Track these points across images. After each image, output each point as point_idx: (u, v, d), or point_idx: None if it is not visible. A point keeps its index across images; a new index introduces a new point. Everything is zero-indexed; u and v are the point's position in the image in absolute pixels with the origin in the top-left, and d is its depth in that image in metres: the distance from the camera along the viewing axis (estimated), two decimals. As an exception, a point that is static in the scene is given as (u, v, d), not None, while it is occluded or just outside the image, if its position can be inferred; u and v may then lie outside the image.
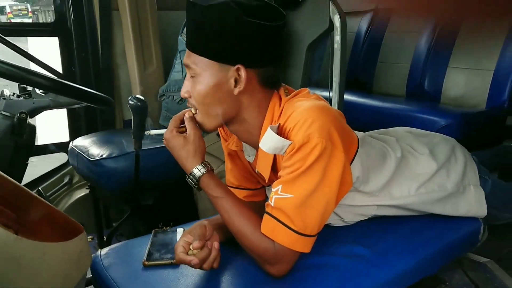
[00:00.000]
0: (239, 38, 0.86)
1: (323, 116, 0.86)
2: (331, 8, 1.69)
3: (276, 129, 0.90)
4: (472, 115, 1.87)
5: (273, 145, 0.89)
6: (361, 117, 2.04)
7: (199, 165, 0.93)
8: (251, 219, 0.92)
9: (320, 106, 0.89)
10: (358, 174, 1.00)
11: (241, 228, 0.91)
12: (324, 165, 0.85)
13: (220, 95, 0.90)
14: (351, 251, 1.01)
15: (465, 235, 1.17)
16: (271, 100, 0.95)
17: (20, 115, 1.30)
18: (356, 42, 2.63)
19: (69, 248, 0.80)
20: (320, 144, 0.84)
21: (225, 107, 0.92)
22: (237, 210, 0.92)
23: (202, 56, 0.88)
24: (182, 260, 0.88)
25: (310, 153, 0.84)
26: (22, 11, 22.85)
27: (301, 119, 0.86)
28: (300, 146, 0.85)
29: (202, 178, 0.93)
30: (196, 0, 0.87)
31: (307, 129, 0.85)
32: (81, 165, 1.71)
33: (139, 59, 2.11)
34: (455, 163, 1.18)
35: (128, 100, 1.25)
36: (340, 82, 1.70)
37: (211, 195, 0.95)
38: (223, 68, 0.88)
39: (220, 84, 0.89)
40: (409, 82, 2.31)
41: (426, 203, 1.12)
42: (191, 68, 0.90)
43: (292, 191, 0.86)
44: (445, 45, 2.17)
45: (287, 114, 0.90)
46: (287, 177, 0.87)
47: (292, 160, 0.87)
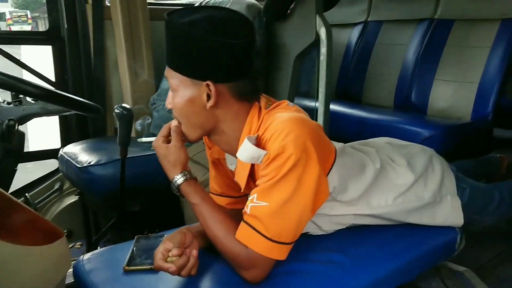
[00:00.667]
0: (206, 56, 0.89)
1: (299, 128, 0.89)
2: (318, 21, 1.73)
3: (254, 139, 0.93)
4: (455, 127, 1.90)
5: (249, 155, 0.92)
6: (348, 128, 2.08)
7: (179, 174, 0.98)
8: (225, 224, 0.95)
9: (297, 118, 0.92)
10: (335, 184, 1.02)
11: (216, 232, 0.95)
12: (298, 175, 0.88)
13: (195, 109, 0.94)
14: (327, 257, 1.03)
15: (442, 244, 1.19)
16: (250, 112, 0.98)
17: (9, 122, 1.32)
18: (346, 54, 2.68)
19: (48, 252, 0.82)
20: (294, 154, 0.87)
21: (202, 120, 0.96)
22: (213, 216, 0.96)
23: (176, 71, 0.93)
24: (160, 267, 0.90)
25: (285, 163, 0.87)
26: (21, 17, 22.92)
27: (278, 130, 0.89)
28: (275, 156, 0.88)
29: (181, 186, 0.98)
30: (172, 16, 0.91)
31: (282, 140, 0.88)
32: (70, 171, 1.73)
33: (130, 69, 2.15)
34: (432, 173, 1.21)
35: (114, 109, 1.28)
36: (326, 93, 1.74)
37: (191, 202, 0.99)
38: (195, 84, 0.92)
39: (194, 99, 0.93)
40: (397, 94, 2.35)
41: (403, 212, 1.14)
42: (170, 83, 0.96)
43: (267, 199, 0.89)
44: (432, 57, 2.21)
45: (265, 125, 0.94)
46: (263, 186, 0.90)
47: (268, 170, 0.90)
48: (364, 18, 2.63)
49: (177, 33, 0.90)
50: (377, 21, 2.55)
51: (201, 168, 1.64)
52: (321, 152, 0.93)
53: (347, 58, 2.66)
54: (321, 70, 1.74)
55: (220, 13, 0.92)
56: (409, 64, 2.32)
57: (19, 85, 1.28)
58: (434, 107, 2.16)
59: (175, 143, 0.98)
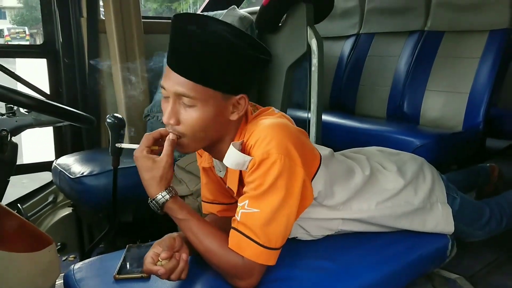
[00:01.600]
0: (248, 70, 0.91)
1: (281, 133, 0.90)
2: (309, 32, 1.76)
3: (239, 145, 0.94)
4: (447, 136, 1.92)
5: (235, 161, 0.92)
6: (340, 138, 2.09)
7: (164, 191, 0.92)
8: (217, 236, 0.94)
9: (280, 123, 0.93)
10: (320, 188, 1.03)
11: (208, 246, 0.94)
12: (285, 180, 0.89)
13: (217, 122, 0.92)
14: (315, 264, 1.03)
15: (433, 251, 1.19)
16: (242, 119, 1.00)
17: (1, 133, 1.32)
18: (339, 66, 2.71)
19: (37, 259, 0.83)
20: (279, 160, 0.88)
21: (218, 131, 0.95)
22: (203, 229, 0.94)
23: (205, 86, 0.87)
24: (149, 270, 0.90)
25: (270, 168, 0.88)
26: (19, 34, 23.08)
27: (261, 136, 0.90)
28: (260, 162, 0.89)
29: (166, 204, 0.93)
30: (191, 26, 0.85)
31: (266, 146, 0.89)
32: (63, 183, 1.73)
33: (125, 81, 2.16)
34: (423, 181, 1.22)
35: (106, 119, 1.29)
36: (318, 103, 1.76)
37: (175, 218, 0.96)
38: (225, 97, 0.90)
39: (221, 112, 0.91)
40: (389, 104, 2.37)
41: (391, 217, 1.15)
42: (188, 97, 0.87)
43: (258, 206, 0.90)
44: (423, 68, 2.24)
45: (250, 132, 0.95)
46: (253, 192, 0.91)
47: (254, 176, 0.90)
48: (356, 31, 2.67)
49: (215, 45, 0.84)
50: (369, 34, 2.59)
51: (194, 178, 1.64)
52: (305, 157, 0.94)
53: (340, 70, 2.70)
54: (312, 81, 1.77)
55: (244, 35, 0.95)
56: (400, 75, 2.35)
57: (11, 95, 1.29)
58: (426, 117, 2.18)
59: (168, 158, 0.91)
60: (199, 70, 0.86)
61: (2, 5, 29.96)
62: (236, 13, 1.96)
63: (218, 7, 2.25)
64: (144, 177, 0.92)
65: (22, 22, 27.50)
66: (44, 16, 2.14)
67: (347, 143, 1.58)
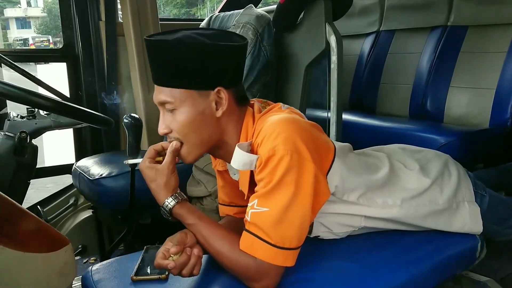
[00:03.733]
0: (215, 61, 0.90)
1: (288, 128, 0.88)
2: (327, 29, 1.72)
3: (247, 146, 0.92)
4: (473, 133, 1.85)
5: (242, 161, 0.91)
6: (361, 137, 2.04)
7: (169, 197, 0.94)
8: (228, 238, 0.92)
9: (287, 118, 0.91)
10: (336, 183, 0.99)
11: (219, 249, 0.92)
12: (295, 177, 0.86)
13: (204, 121, 0.93)
14: (338, 265, 0.99)
15: (461, 252, 1.14)
16: (244, 118, 0.98)
17: (20, 135, 1.33)
18: (359, 64, 2.65)
19: (52, 260, 0.82)
20: (286, 155, 0.85)
21: (210, 132, 0.95)
22: (213, 232, 0.93)
23: (179, 88, 0.90)
24: (159, 264, 0.89)
25: (278, 165, 0.85)
26: (44, 42, 23.71)
27: (267, 133, 0.88)
28: (267, 160, 0.87)
29: (173, 209, 0.94)
30: (159, 36, 0.91)
31: (272, 142, 0.86)
32: (83, 185, 1.74)
33: (143, 83, 2.17)
34: (449, 179, 1.17)
35: (123, 119, 1.28)
36: (337, 101, 1.72)
37: (186, 223, 0.96)
38: (202, 95, 0.92)
39: (203, 111, 0.92)
40: (411, 103, 2.30)
41: (417, 217, 1.10)
42: (168, 103, 0.91)
43: (267, 204, 0.87)
44: (446, 65, 2.17)
45: (258, 131, 0.93)
46: (261, 191, 0.88)
47: (262, 174, 0.88)
48: (376, 28, 2.61)
49: (173, 48, 0.88)
50: (389, 31, 2.53)
51: (212, 178, 1.62)
52: (316, 151, 0.91)
53: (360, 69, 2.64)
54: (332, 79, 1.73)
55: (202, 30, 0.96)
56: (423, 72, 2.28)
57: (30, 97, 1.30)
58: (451, 115, 2.11)
59: (169, 165, 0.93)
60: (168, 75, 0.90)
61: (27, 14, 30.83)
62: (253, 11, 1.94)
63: (236, 7, 2.23)
64: (150, 186, 0.95)
65: (46, 31, 28.24)
66: (64, 20, 2.17)
67: (368, 143, 1.53)
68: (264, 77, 1.87)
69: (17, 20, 30.13)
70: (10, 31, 30.31)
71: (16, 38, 25.89)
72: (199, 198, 1.67)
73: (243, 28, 1.85)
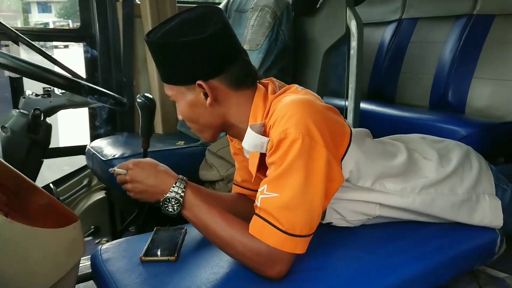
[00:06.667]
0: (186, 58, 0.90)
1: (301, 110, 0.85)
2: (348, 14, 1.67)
3: (258, 127, 0.90)
4: (496, 125, 1.79)
5: (252, 143, 0.90)
6: (380, 126, 1.99)
7: (177, 181, 0.94)
8: (239, 223, 0.90)
9: (301, 99, 0.88)
10: (351, 168, 0.96)
11: (231, 233, 0.88)
12: (305, 161, 0.83)
13: (198, 111, 0.95)
14: (351, 254, 0.97)
15: (480, 246, 1.11)
16: (254, 98, 0.96)
17: (34, 112, 1.33)
18: (379, 53, 2.59)
19: (60, 236, 0.81)
20: (298, 139, 0.82)
21: (208, 119, 0.97)
22: (224, 217, 0.91)
23: (169, 84, 0.95)
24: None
25: (289, 148, 0.83)
26: (64, 27, 24.00)
27: (280, 115, 0.86)
28: (278, 143, 0.84)
29: (186, 193, 0.93)
30: (150, 35, 0.92)
31: (284, 124, 0.84)
32: (96, 165, 1.74)
33: (159, 66, 2.15)
34: (470, 169, 1.13)
35: (136, 99, 1.26)
36: (356, 89, 1.67)
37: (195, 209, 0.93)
38: (189, 89, 0.93)
39: (194, 103, 0.94)
40: (432, 93, 2.24)
41: (434, 207, 1.06)
42: (170, 96, 0.98)
43: (277, 190, 0.84)
44: (470, 55, 2.10)
45: (271, 112, 0.91)
46: (271, 175, 0.86)
47: (273, 158, 0.86)
48: (398, 16, 2.54)
49: (156, 49, 0.92)
50: (412, 19, 2.46)
51: (225, 163, 1.60)
52: (330, 135, 0.87)
53: (380, 58, 2.58)
54: (351, 65, 1.68)
55: (188, 14, 0.92)
56: (445, 62, 2.21)
57: (46, 75, 1.29)
58: (473, 106, 2.04)
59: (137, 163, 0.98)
60: (161, 72, 0.96)
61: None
62: (272, -5, 1.89)
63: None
64: (149, 183, 0.96)
65: (66, 16, 28.45)
66: (81, 0, 2.15)
67: (386, 132, 1.49)
68: (281, 62, 1.83)
69: (38, 4, 30.42)
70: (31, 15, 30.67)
71: (37, 22, 26.19)
72: (212, 183, 1.65)
73: (261, 11, 1.81)
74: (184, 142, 1.89)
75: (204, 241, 1.05)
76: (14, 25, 1.94)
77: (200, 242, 1.06)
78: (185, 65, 0.91)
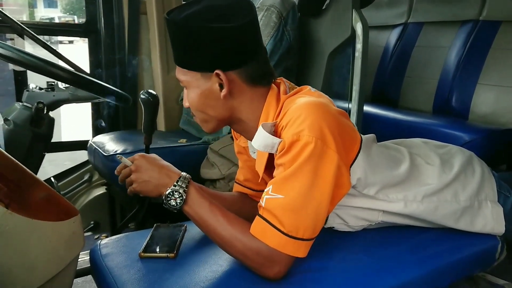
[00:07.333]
0: (210, 45, 0.87)
1: (316, 113, 0.84)
2: (354, 16, 1.67)
3: (270, 126, 0.89)
4: (499, 132, 1.78)
5: (263, 143, 0.88)
6: (383, 130, 1.99)
7: (181, 176, 0.94)
8: (241, 222, 0.89)
9: (315, 102, 0.86)
10: (359, 175, 0.96)
11: (232, 231, 0.88)
12: (315, 165, 0.82)
13: (209, 101, 0.92)
14: (351, 257, 0.97)
15: (480, 252, 1.10)
16: (267, 98, 0.95)
17: (38, 105, 1.33)
18: (384, 56, 2.58)
19: (60, 229, 0.80)
20: (311, 142, 0.81)
21: (218, 111, 0.94)
22: (225, 215, 0.90)
23: (184, 68, 0.91)
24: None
25: (301, 152, 0.82)
26: (69, 22, 24.03)
27: (293, 117, 0.84)
28: (290, 145, 0.83)
29: (190, 189, 0.92)
30: (172, 14, 0.89)
31: (298, 127, 0.83)
32: (97, 160, 1.74)
33: (163, 63, 2.15)
34: (472, 175, 1.12)
35: (140, 95, 1.26)
36: (360, 91, 1.67)
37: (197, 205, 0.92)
38: (205, 76, 0.90)
39: (207, 91, 0.91)
40: (436, 98, 2.23)
41: (437, 215, 1.06)
42: (181, 81, 0.94)
43: (282, 191, 0.84)
44: (475, 61, 2.09)
45: (284, 112, 0.89)
46: (278, 177, 0.85)
47: (283, 159, 0.85)
48: (403, 20, 2.53)
49: (177, 30, 0.88)
50: (418, 23, 2.45)
51: (226, 161, 1.60)
52: (342, 140, 0.87)
53: (385, 61, 2.57)
54: (355, 68, 1.67)
55: (217, 0, 0.89)
56: (450, 67, 2.20)
57: (50, 68, 1.29)
58: (476, 112, 2.03)
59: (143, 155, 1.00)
60: (176, 54, 0.92)
61: (54, -6, 31.13)
62: (277, -6, 1.89)
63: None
64: (153, 176, 0.95)
65: (72, 11, 28.49)
66: (88, -6, 2.16)
67: (389, 136, 1.48)
68: (286, 62, 1.83)
69: (44, -1, 30.49)
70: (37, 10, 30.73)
71: (43, 17, 26.26)
72: (213, 181, 1.65)
73: (267, 11, 1.81)
74: (186, 140, 1.89)
75: (203, 239, 1.05)
76: (19, 19, 1.93)
77: (199, 240, 1.06)
78: (206, 52, 0.88)
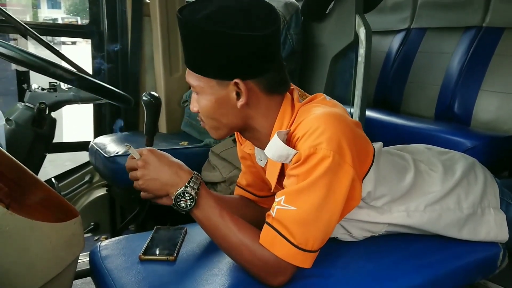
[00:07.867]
0: (230, 53, 0.83)
1: (334, 126, 0.82)
2: (357, 21, 1.67)
3: (284, 134, 0.86)
4: (501, 138, 1.77)
5: (277, 152, 0.85)
6: (385, 135, 1.98)
7: (193, 176, 0.89)
8: (251, 230, 0.88)
9: (333, 114, 0.84)
10: (370, 189, 0.95)
11: (241, 239, 0.86)
12: (331, 180, 0.81)
13: (223, 110, 0.88)
14: (353, 264, 0.97)
15: (481, 260, 1.09)
16: (281, 106, 0.92)
17: (40, 105, 1.33)
18: (386, 61, 2.58)
19: (60, 230, 0.80)
20: (328, 157, 0.80)
21: (232, 120, 0.90)
22: (235, 221, 0.88)
23: (198, 74, 0.86)
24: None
25: (317, 165, 0.80)
26: (72, 23, 24.07)
27: (311, 128, 0.82)
28: (306, 157, 0.81)
29: (202, 190, 0.89)
30: (185, 12, 0.83)
31: (315, 139, 0.80)
32: (98, 161, 1.74)
33: (165, 65, 2.15)
34: (475, 182, 1.11)
35: (142, 96, 1.26)
36: (362, 96, 1.67)
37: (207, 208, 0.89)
38: (221, 84, 0.86)
39: (221, 100, 0.87)
40: (438, 103, 2.23)
41: (440, 224, 1.05)
42: (193, 86, 0.89)
43: (295, 203, 0.82)
44: (478, 67, 2.09)
45: (298, 121, 0.87)
46: (291, 188, 0.83)
47: (297, 171, 0.83)
48: (406, 25, 2.53)
49: (193, 32, 0.82)
50: (421, 29, 2.45)
51: (228, 164, 1.60)
52: (357, 154, 0.85)
53: (387, 66, 2.57)
54: (358, 73, 1.67)
55: (237, 2, 0.83)
56: (453, 73, 2.19)
57: (52, 69, 1.29)
58: (479, 119, 2.02)
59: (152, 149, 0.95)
60: (191, 59, 0.87)
61: (58, -5, 31.23)
62: (281, -1, 1.89)
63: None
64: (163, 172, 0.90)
65: (76, 12, 28.57)
66: (91, -5, 2.17)
67: (391, 141, 1.48)
68: (288, 66, 1.81)
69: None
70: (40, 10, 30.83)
71: (46, 18, 26.34)
72: (214, 184, 1.65)
73: (270, 15, 1.81)
74: (188, 142, 1.89)
75: (203, 243, 1.05)
76: (23, 19, 1.93)
77: (199, 243, 1.06)
78: (226, 59, 0.83)
